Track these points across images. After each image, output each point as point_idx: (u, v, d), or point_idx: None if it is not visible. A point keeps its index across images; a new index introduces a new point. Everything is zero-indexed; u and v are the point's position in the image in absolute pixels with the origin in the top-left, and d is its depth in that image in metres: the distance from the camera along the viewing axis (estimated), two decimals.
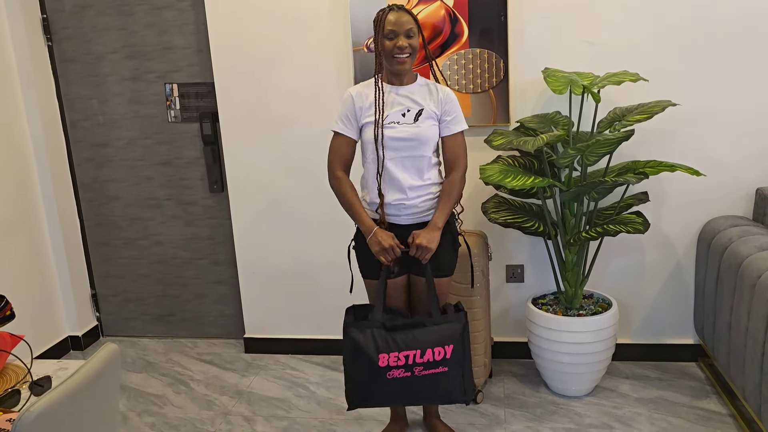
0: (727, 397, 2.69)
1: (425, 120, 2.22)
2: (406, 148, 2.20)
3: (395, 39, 2.15)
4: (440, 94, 2.26)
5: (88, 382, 1.42)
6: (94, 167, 3.52)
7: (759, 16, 2.67)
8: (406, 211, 2.24)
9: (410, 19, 2.17)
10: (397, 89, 2.24)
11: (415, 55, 2.20)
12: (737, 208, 2.85)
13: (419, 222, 2.26)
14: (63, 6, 3.33)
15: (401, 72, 2.20)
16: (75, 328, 3.58)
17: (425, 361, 2.16)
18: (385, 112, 2.21)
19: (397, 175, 2.21)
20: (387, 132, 2.20)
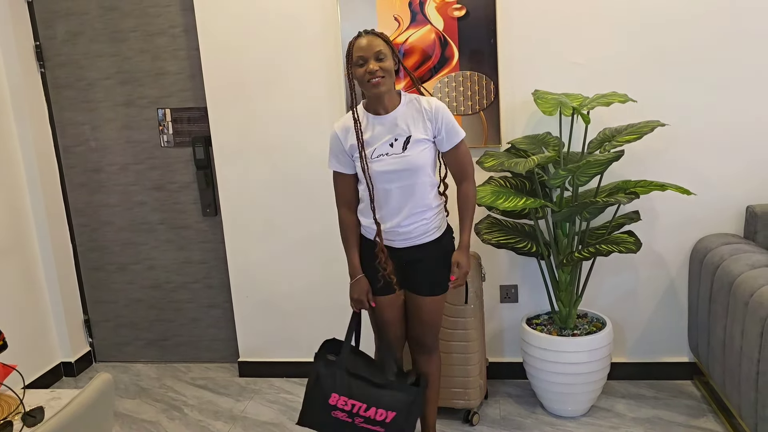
0: (723, 416, 2.68)
1: (414, 146, 2.16)
2: (399, 178, 2.17)
3: (365, 64, 2.10)
4: (430, 110, 2.18)
5: (81, 414, 1.40)
6: (87, 192, 3.52)
7: (745, 35, 2.71)
8: (400, 237, 2.24)
9: (380, 42, 2.11)
10: (382, 119, 2.19)
11: (391, 77, 2.14)
12: (728, 226, 2.88)
13: (413, 245, 2.26)
14: (56, 33, 3.35)
15: (379, 95, 2.14)
16: (68, 354, 3.55)
17: (367, 416, 2.24)
18: (372, 146, 2.17)
19: (391, 205, 2.20)
20: (376, 166, 2.16)
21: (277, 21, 3.00)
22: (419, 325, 2.37)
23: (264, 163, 3.15)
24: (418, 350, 2.44)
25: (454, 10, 2.83)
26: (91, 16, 3.30)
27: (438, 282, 2.31)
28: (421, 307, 2.33)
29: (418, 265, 2.28)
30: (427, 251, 2.27)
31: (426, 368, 2.43)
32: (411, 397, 2.25)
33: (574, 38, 2.82)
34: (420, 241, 2.25)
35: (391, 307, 2.35)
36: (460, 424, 2.80)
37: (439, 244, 2.28)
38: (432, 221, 2.25)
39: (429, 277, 2.29)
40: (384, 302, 2.34)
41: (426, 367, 2.43)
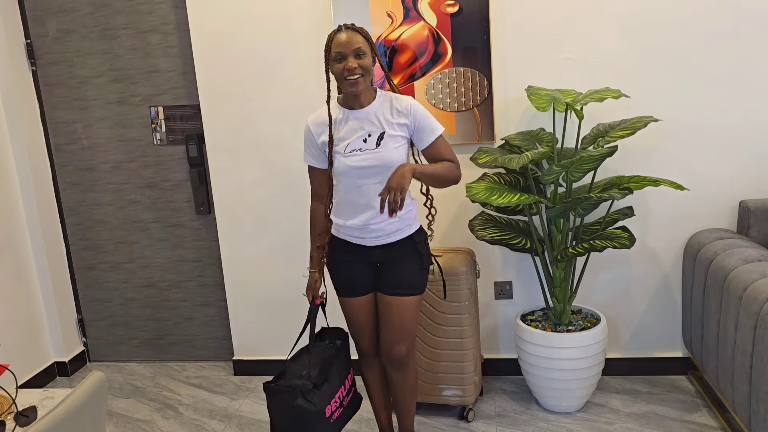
0: (717, 410, 2.69)
1: (388, 142, 2.12)
2: (372, 174, 2.13)
3: (344, 61, 2.05)
4: (406, 108, 2.14)
5: (74, 413, 1.40)
6: (80, 191, 3.50)
7: (738, 31, 2.72)
8: (371, 234, 2.19)
9: (359, 39, 2.06)
10: (356, 113, 2.16)
11: (369, 75, 2.11)
12: (721, 221, 2.88)
13: (385, 243, 2.21)
14: (47, 31, 3.33)
15: (356, 94, 2.12)
16: (61, 354, 3.53)
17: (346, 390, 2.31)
18: (345, 140, 2.14)
19: (363, 201, 2.16)
20: (349, 161, 2.13)
21: (270, 18, 2.99)
22: (389, 331, 2.28)
23: (257, 160, 3.15)
24: (390, 364, 2.34)
25: (447, 7, 2.82)
26: (82, 13, 3.28)
27: (410, 282, 2.24)
28: (392, 309, 2.25)
29: (390, 265, 2.24)
30: (399, 250, 2.22)
31: (401, 384, 2.36)
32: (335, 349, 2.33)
33: (568, 34, 2.82)
34: (392, 239, 2.21)
35: (366, 309, 2.31)
36: (455, 421, 2.80)
37: (411, 242, 2.23)
38: (403, 219, 2.20)
39: (400, 277, 2.23)
40: (358, 304, 2.30)
41: (401, 383, 2.36)
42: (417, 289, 2.26)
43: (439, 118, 2.90)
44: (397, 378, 2.36)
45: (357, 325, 2.34)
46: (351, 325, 2.37)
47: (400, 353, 2.29)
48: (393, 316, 2.26)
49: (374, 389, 2.47)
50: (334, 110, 2.19)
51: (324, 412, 2.17)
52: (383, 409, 2.50)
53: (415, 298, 2.26)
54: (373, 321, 2.34)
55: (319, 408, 2.15)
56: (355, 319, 2.33)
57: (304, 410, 2.13)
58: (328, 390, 2.21)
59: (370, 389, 2.48)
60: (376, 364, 2.41)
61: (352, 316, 2.34)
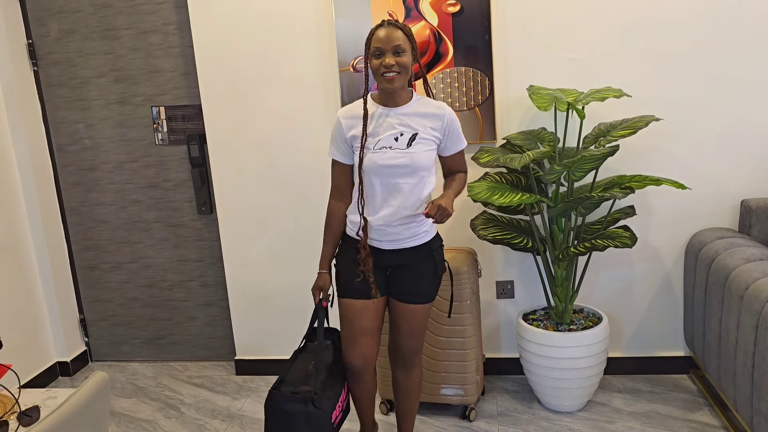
0: (719, 409, 2.70)
1: (419, 145, 2.10)
2: (399, 174, 2.10)
3: (382, 57, 2.03)
4: (443, 115, 2.14)
5: (77, 412, 1.40)
6: (82, 191, 3.51)
7: (740, 31, 2.71)
8: (387, 238, 2.16)
9: (400, 35, 2.04)
10: (390, 111, 2.13)
11: (407, 74, 2.08)
12: (723, 220, 2.88)
13: (401, 248, 2.18)
14: (48, 31, 3.33)
15: (392, 91, 2.09)
16: (63, 354, 3.54)
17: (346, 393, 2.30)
18: (376, 137, 2.11)
19: (384, 200, 2.13)
20: (377, 158, 2.09)
21: (272, 18, 2.99)
22: (400, 336, 2.28)
23: (259, 160, 3.15)
24: (397, 363, 2.36)
25: (449, 6, 2.82)
26: (83, 13, 3.28)
27: (423, 290, 2.23)
28: (404, 315, 2.24)
29: (404, 271, 2.21)
30: (414, 256, 2.20)
31: (405, 384, 2.36)
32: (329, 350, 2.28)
33: (569, 34, 2.82)
34: (408, 244, 2.18)
35: (366, 315, 2.21)
36: (457, 420, 2.80)
37: (427, 248, 2.21)
38: (422, 224, 2.18)
39: (414, 283, 2.21)
40: (359, 307, 2.21)
41: (405, 383, 2.36)
42: (430, 296, 2.26)
43: None
44: (402, 378, 2.36)
45: (354, 332, 2.22)
46: (347, 328, 2.24)
47: (408, 353, 2.31)
48: (407, 322, 2.26)
49: (364, 401, 2.38)
50: (370, 106, 2.15)
51: (330, 417, 2.13)
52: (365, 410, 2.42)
53: (429, 305, 2.27)
54: (373, 328, 2.24)
55: (326, 413, 2.12)
56: (355, 322, 2.22)
57: (310, 416, 2.08)
58: (334, 395, 2.19)
59: (359, 403, 2.38)
60: (365, 377, 2.30)
61: (351, 320, 2.23)
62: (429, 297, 2.25)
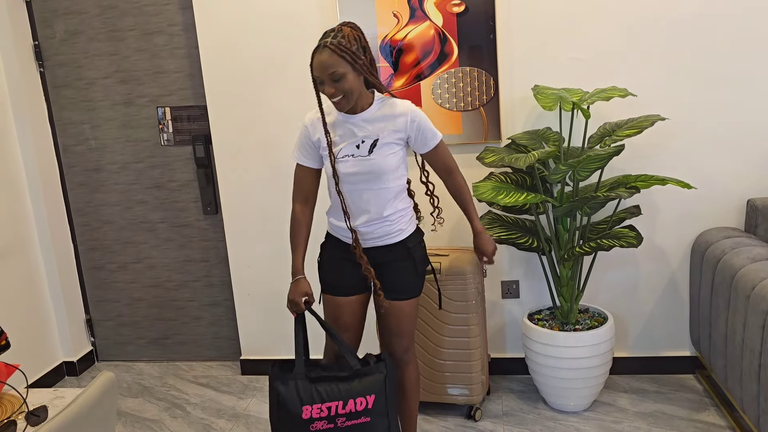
0: (725, 409, 2.69)
1: (381, 150, 2.09)
2: (363, 181, 2.11)
3: (323, 85, 2.00)
4: (404, 114, 2.10)
5: (84, 412, 1.40)
6: (87, 192, 3.52)
7: (746, 29, 2.71)
8: (362, 237, 2.18)
9: (333, 61, 1.95)
10: (351, 118, 2.11)
11: (353, 93, 2.01)
12: (729, 220, 2.88)
13: (378, 246, 2.19)
14: (54, 32, 3.35)
15: (342, 111, 2.08)
16: (70, 354, 3.55)
17: (347, 411, 2.09)
18: (338, 146, 2.11)
19: (355, 206, 2.15)
20: (341, 167, 2.10)
21: (277, 19, 3.00)
22: (389, 335, 2.28)
23: (264, 160, 3.15)
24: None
25: (453, 6, 2.82)
26: (89, 15, 3.29)
27: (405, 286, 2.22)
28: (390, 313, 2.24)
29: (384, 268, 2.21)
30: (391, 254, 2.20)
31: (402, 383, 2.33)
32: (382, 374, 2.12)
33: (574, 33, 2.81)
34: (383, 242, 2.19)
35: (351, 310, 2.26)
36: (462, 420, 2.80)
37: (404, 246, 2.20)
38: (395, 223, 2.17)
39: (395, 280, 2.21)
40: (341, 303, 2.25)
41: (402, 381, 2.33)
42: (412, 293, 2.25)
43: (445, 117, 2.92)
44: (397, 376, 2.35)
45: (337, 326, 2.27)
46: (332, 324, 2.28)
47: (400, 351, 2.30)
48: (394, 319, 2.25)
49: None
50: (331, 113, 2.15)
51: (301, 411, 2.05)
52: None
53: (414, 300, 2.26)
54: (357, 324, 2.29)
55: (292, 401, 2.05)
56: (337, 319, 2.27)
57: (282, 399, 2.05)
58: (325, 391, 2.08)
59: None
60: None
61: (334, 316, 2.27)
62: (412, 293, 2.24)
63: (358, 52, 2.00)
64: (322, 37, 2.00)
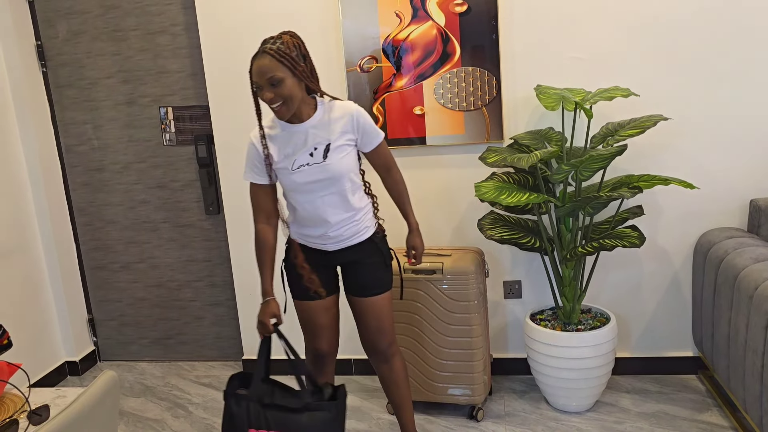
0: (728, 410, 2.68)
1: (335, 153, 2.10)
2: (323, 187, 2.12)
3: (262, 91, 1.99)
4: (349, 114, 2.11)
5: (86, 411, 1.41)
6: (90, 192, 3.52)
7: (748, 29, 2.70)
8: (331, 241, 2.20)
9: (272, 65, 1.95)
10: (298, 128, 2.11)
11: (294, 99, 2.00)
12: (732, 220, 2.87)
13: (346, 247, 2.22)
14: (57, 32, 3.35)
15: (285, 119, 2.05)
16: (72, 354, 3.56)
17: None
18: (292, 157, 2.10)
19: (318, 213, 2.15)
20: (298, 177, 2.10)
21: (279, 19, 3.00)
22: (370, 333, 2.31)
23: None
24: (376, 359, 2.37)
25: (456, 6, 2.82)
26: (92, 15, 3.30)
27: (377, 281, 2.26)
28: (368, 310, 2.27)
29: (356, 267, 2.25)
30: (361, 252, 2.24)
31: (390, 375, 2.36)
32: (331, 414, 2.06)
33: (576, 33, 2.81)
34: (352, 242, 2.22)
35: (321, 312, 2.31)
36: (464, 420, 2.80)
37: (371, 242, 2.25)
38: (362, 222, 2.22)
39: (367, 277, 2.25)
40: (312, 306, 2.30)
41: (389, 374, 2.36)
42: (387, 285, 2.29)
43: (447, 117, 2.92)
44: (384, 371, 2.38)
45: (315, 328, 2.33)
46: (307, 328, 2.35)
47: (382, 346, 2.32)
48: (371, 316, 2.28)
49: None
50: (276, 126, 2.14)
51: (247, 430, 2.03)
52: None
53: (387, 294, 2.29)
54: (333, 323, 2.36)
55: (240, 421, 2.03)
56: (314, 322, 2.32)
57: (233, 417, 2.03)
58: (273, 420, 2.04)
59: None
60: (329, 365, 2.41)
61: (309, 320, 2.32)
62: (386, 286, 2.28)
63: (297, 58, 1.99)
64: (262, 44, 1.99)
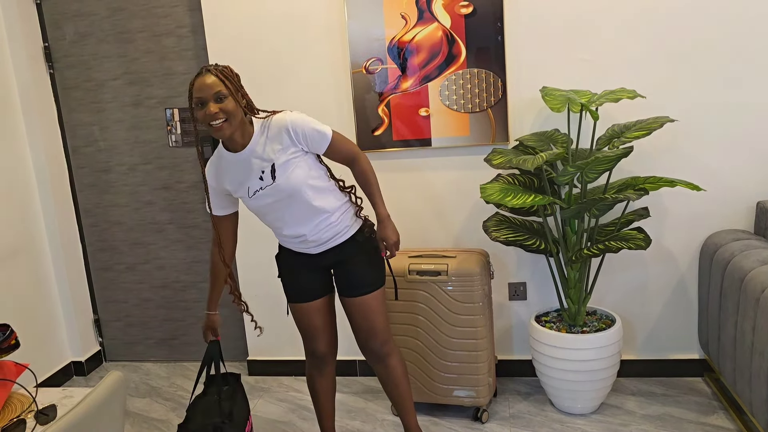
0: (734, 413, 2.67)
1: (282, 171, 2.07)
2: (284, 205, 2.12)
3: (205, 107, 1.96)
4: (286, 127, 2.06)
5: (93, 411, 1.41)
6: (96, 193, 3.54)
7: (754, 30, 2.69)
8: (312, 244, 2.21)
9: (216, 82, 1.96)
10: (241, 155, 2.09)
11: (235, 118, 1.99)
12: (738, 222, 2.86)
13: (328, 248, 2.22)
14: (64, 34, 3.37)
15: (224, 138, 2.02)
16: (78, 354, 3.57)
17: None
18: (245, 185, 2.10)
19: (289, 226, 2.17)
20: (257, 202, 2.12)
21: (285, 20, 3.01)
22: (362, 335, 2.31)
23: None
24: (371, 359, 2.37)
25: (461, 8, 2.83)
26: (99, 17, 3.31)
27: (365, 279, 2.24)
28: (359, 310, 2.27)
29: (342, 267, 2.25)
30: (346, 251, 2.23)
31: (387, 374, 2.36)
32: None
33: (582, 34, 2.81)
34: (335, 243, 2.22)
35: (316, 314, 2.32)
36: (469, 422, 2.80)
37: (355, 241, 2.24)
38: (340, 223, 2.20)
39: (356, 277, 2.24)
40: (307, 309, 2.31)
41: (386, 373, 2.36)
42: (376, 284, 2.26)
43: (453, 119, 2.92)
44: (381, 370, 2.37)
45: (310, 329, 2.35)
46: (303, 330, 2.37)
47: (375, 346, 2.31)
48: (360, 315, 2.27)
49: (323, 395, 2.47)
50: (223, 158, 2.14)
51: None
52: (329, 418, 2.50)
53: (376, 293, 2.27)
54: (329, 323, 2.37)
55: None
56: (309, 324, 2.34)
57: None
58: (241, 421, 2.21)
59: (319, 396, 2.46)
60: (329, 366, 2.43)
61: (304, 322, 2.34)
62: (374, 285, 2.26)
63: (238, 85, 2.03)
64: (203, 66, 2.02)
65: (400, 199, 3.09)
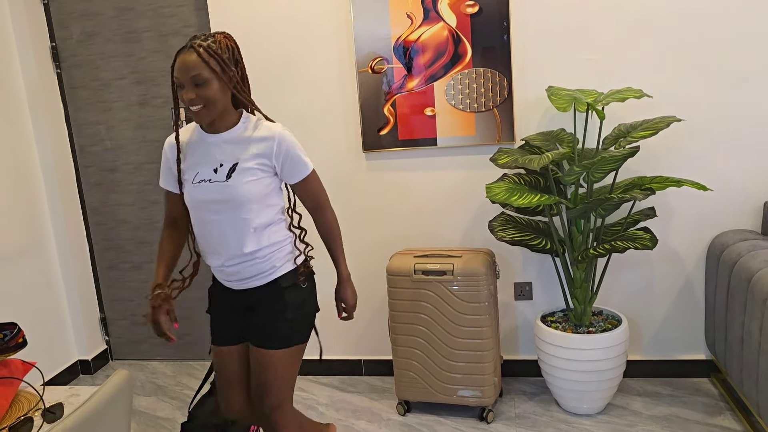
0: (741, 413, 2.66)
1: (240, 176, 1.82)
2: (219, 210, 1.85)
3: (182, 90, 1.76)
4: (272, 139, 1.84)
5: (100, 410, 1.42)
6: (103, 192, 3.55)
7: (764, 30, 2.68)
8: (233, 277, 1.93)
9: (198, 63, 1.72)
10: (210, 138, 1.87)
11: (216, 104, 1.77)
12: (745, 222, 2.85)
13: (249, 288, 1.94)
14: (71, 34, 3.38)
15: (203, 124, 1.81)
16: (84, 352, 3.58)
17: None
18: (195, 169, 1.87)
19: (213, 240, 1.89)
20: (196, 193, 1.85)
21: (290, 20, 3.01)
22: (255, 384, 1.96)
23: None
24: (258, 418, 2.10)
25: (467, 7, 2.82)
26: (105, 17, 3.33)
27: (273, 334, 1.90)
28: (256, 361, 1.94)
29: (254, 312, 1.95)
30: (262, 296, 1.93)
31: None
32: None
33: (588, 34, 2.80)
34: (255, 283, 1.92)
35: (231, 361, 2.01)
36: (475, 422, 2.79)
37: (276, 286, 1.92)
38: (265, 261, 1.90)
39: (263, 326, 1.92)
40: (224, 353, 2.02)
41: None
42: (283, 341, 1.91)
43: (458, 119, 2.91)
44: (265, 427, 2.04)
45: (222, 379, 2.05)
46: (217, 377, 2.07)
47: (266, 409, 1.96)
48: (258, 368, 1.95)
49: None
50: (193, 132, 1.93)
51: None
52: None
53: (281, 351, 1.92)
54: (241, 377, 2.05)
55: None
56: (223, 370, 2.04)
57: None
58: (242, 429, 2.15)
59: None
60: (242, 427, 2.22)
61: (219, 367, 2.05)
62: (282, 342, 1.91)
63: (228, 61, 1.78)
64: (190, 39, 1.79)
65: (405, 199, 3.09)
